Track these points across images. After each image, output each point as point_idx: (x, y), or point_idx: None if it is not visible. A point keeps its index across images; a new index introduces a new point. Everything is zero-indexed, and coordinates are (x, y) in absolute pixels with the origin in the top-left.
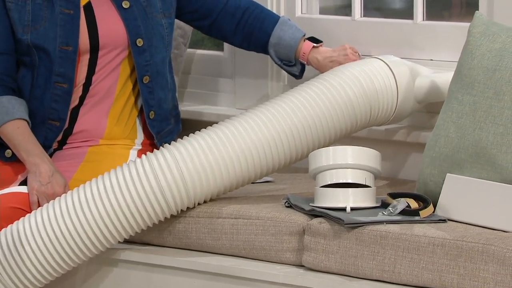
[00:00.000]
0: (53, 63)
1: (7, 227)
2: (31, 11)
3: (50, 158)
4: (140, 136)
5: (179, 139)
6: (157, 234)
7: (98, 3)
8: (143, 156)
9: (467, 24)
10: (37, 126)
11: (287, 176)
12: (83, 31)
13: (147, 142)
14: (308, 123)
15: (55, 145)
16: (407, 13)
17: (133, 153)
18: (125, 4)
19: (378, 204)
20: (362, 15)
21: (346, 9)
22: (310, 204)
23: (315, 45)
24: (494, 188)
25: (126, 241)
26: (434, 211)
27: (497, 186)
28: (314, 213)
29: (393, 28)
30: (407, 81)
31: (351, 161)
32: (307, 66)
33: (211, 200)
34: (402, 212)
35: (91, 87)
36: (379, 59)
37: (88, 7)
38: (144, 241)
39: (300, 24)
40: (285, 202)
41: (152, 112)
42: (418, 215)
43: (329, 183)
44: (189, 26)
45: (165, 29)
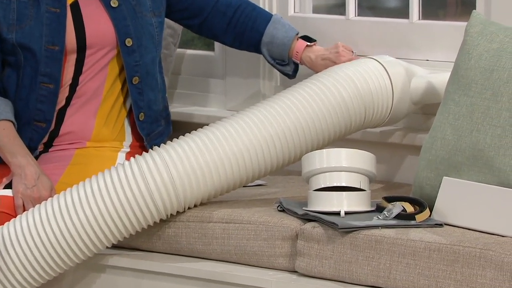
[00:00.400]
0: (39, 63)
1: None
2: (16, 10)
3: (36, 161)
4: (129, 138)
5: (169, 142)
6: (146, 239)
7: (86, 2)
8: (132, 159)
9: (464, 24)
10: (22, 128)
11: (280, 179)
12: (70, 31)
13: (136, 144)
14: (301, 125)
15: (41, 147)
16: (403, 12)
17: (122, 156)
18: (114, 3)
19: (373, 208)
20: (356, 14)
21: (340, 8)
22: (303, 208)
23: (309, 44)
24: (492, 192)
25: (114, 246)
26: (431, 215)
27: (495, 190)
28: (308, 218)
29: (388, 28)
30: (403, 82)
31: (345, 164)
32: (300, 66)
33: (202, 204)
34: (398, 216)
35: (78, 88)
36: (374, 59)
37: (75, 6)
38: (133, 246)
39: (293, 24)
40: (278, 206)
41: (142, 114)
42: (414, 220)
43: (323, 187)
44: (179, 25)
45: (155, 28)
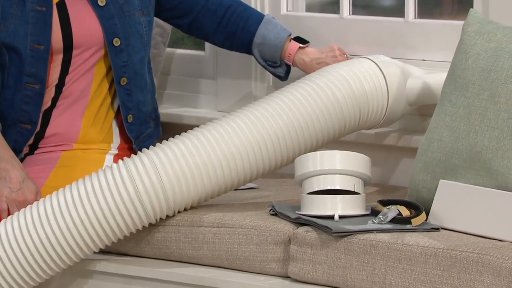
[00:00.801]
0: (24, 63)
1: None
2: (1, 8)
3: (21, 163)
4: (117, 140)
5: (158, 144)
6: (135, 244)
7: (72, 1)
8: (120, 161)
9: (461, 22)
10: (7, 130)
11: (272, 182)
12: (56, 30)
13: (124, 146)
14: (294, 127)
15: (26, 150)
16: (398, 11)
17: (109, 158)
18: (101, 2)
19: (368, 212)
20: (351, 13)
21: (334, 6)
22: (296, 212)
23: (302, 46)
24: (490, 195)
25: (102, 251)
26: (427, 219)
27: (493, 193)
28: (301, 222)
29: (383, 27)
30: (398, 82)
31: (340, 167)
32: (292, 67)
33: (192, 208)
34: (393, 220)
35: (64, 88)
36: (369, 59)
37: (61, 5)
38: (121, 251)
39: (286, 23)
40: (270, 210)
41: (131, 116)
42: (410, 224)
43: (316, 190)
44: (169, 24)
45: (144, 28)
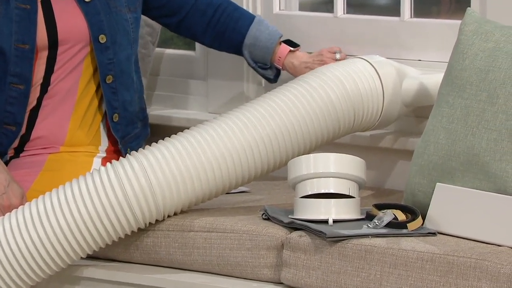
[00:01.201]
0: (8, 63)
1: None
2: None
3: (6, 167)
4: (105, 143)
5: (147, 146)
6: (123, 249)
7: None
8: (108, 164)
9: (458, 22)
10: None
11: (265, 186)
12: (41, 27)
13: (112, 149)
14: (287, 128)
15: (11, 153)
16: (394, 10)
17: (97, 161)
18: None
19: (363, 216)
20: (345, 12)
21: (328, 5)
22: (289, 216)
23: (292, 49)
24: (488, 199)
25: (90, 257)
26: (423, 224)
27: (491, 197)
28: (294, 226)
29: (379, 26)
30: (394, 83)
31: (334, 170)
32: (282, 70)
33: (182, 212)
34: (389, 225)
35: (50, 87)
36: (364, 59)
37: (46, 1)
38: (109, 257)
39: (278, 22)
40: (262, 214)
41: (116, 115)
42: (406, 228)
43: (310, 194)
44: (158, 24)
45: (130, 25)
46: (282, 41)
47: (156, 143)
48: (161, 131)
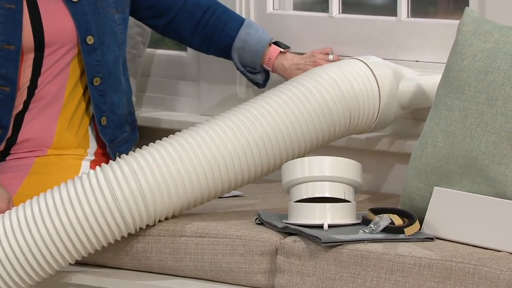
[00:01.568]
0: None
1: None
2: None
3: None
4: (93, 145)
5: (138, 149)
6: (113, 255)
7: None
8: (97, 168)
9: (457, 22)
10: None
11: (258, 190)
12: (27, 28)
13: (101, 152)
14: (281, 131)
15: None
16: (390, 9)
17: (86, 164)
18: None
19: (359, 221)
20: (341, 12)
21: (323, 5)
22: (284, 221)
23: (282, 50)
24: (487, 203)
25: (78, 263)
26: (421, 229)
27: (490, 201)
28: (288, 231)
29: (375, 26)
30: (390, 85)
31: (329, 173)
32: (271, 73)
33: (174, 217)
34: (385, 230)
35: (37, 91)
36: (359, 60)
37: (32, 1)
38: (99, 263)
39: (272, 22)
40: (256, 219)
41: (104, 118)
42: (403, 233)
43: (305, 198)
44: None
45: (118, 26)
46: (272, 43)
47: (147, 146)
48: (152, 134)
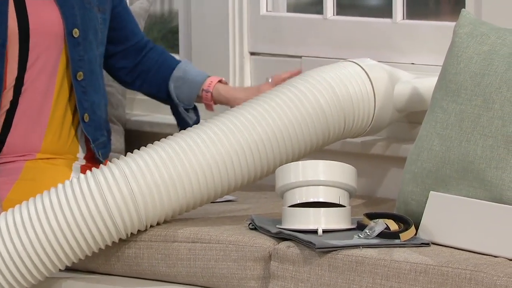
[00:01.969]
0: None
1: None
2: None
3: None
4: (83, 149)
5: (129, 153)
6: (104, 261)
7: None
8: (88, 172)
9: (453, 24)
10: None
11: (251, 195)
12: (12, 20)
13: (91, 156)
14: (275, 135)
15: None
16: (385, 11)
17: (76, 169)
18: None
19: (354, 226)
20: (335, 13)
21: (317, 7)
22: (277, 226)
23: (223, 79)
24: (483, 208)
25: (68, 269)
26: (416, 234)
27: (486, 206)
28: (282, 236)
29: (370, 28)
30: (386, 88)
31: (323, 178)
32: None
33: (165, 222)
34: (381, 235)
35: (23, 88)
36: (354, 63)
37: None
38: (89, 269)
39: (266, 23)
40: (249, 224)
41: (87, 115)
42: (398, 238)
43: (299, 202)
44: (141, 25)
45: (100, 25)
46: None
47: (139, 150)
48: (143, 137)
